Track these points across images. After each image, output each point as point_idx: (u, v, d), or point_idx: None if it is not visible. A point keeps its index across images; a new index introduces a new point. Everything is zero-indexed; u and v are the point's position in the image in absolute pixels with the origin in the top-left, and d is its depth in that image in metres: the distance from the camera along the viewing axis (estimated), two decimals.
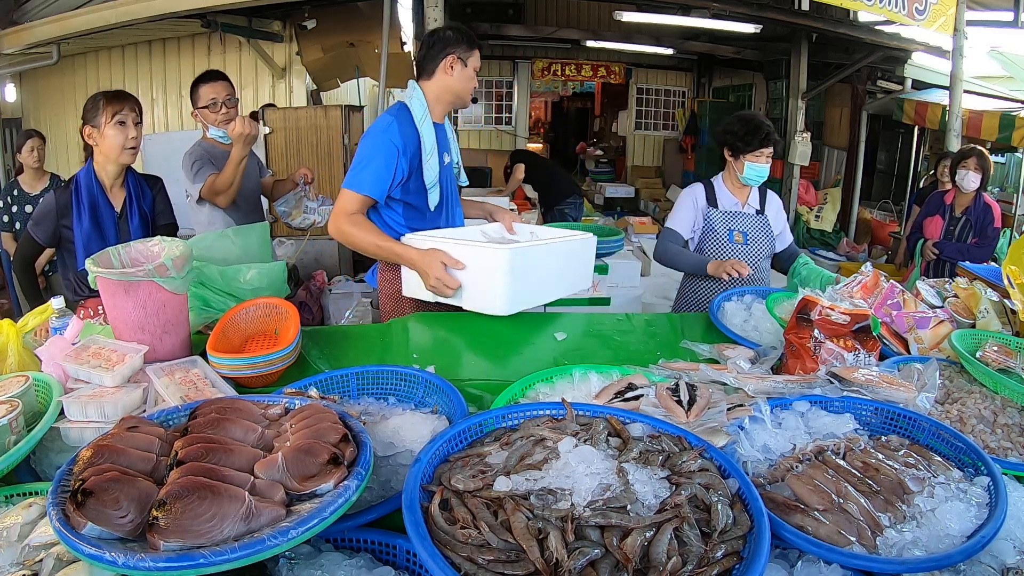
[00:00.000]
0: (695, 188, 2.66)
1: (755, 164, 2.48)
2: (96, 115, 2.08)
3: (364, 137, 2.02)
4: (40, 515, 0.95)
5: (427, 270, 1.86)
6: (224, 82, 2.58)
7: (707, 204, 2.60)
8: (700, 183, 2.67)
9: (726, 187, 2.62)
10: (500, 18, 7.85)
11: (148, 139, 5.22)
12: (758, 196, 2.64)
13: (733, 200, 2.61)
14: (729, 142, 2.53)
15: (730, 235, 2.56)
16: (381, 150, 1.99)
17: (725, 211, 2.59)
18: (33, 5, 4.75)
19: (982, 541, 0.89)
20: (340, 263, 5.52)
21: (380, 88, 4.94)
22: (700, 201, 2.61)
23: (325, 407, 1.11)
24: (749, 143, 2.46)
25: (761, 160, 2.48)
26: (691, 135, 9.85)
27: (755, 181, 2.53)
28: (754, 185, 2.58)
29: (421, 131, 2.06)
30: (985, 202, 3.98)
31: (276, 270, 1.90)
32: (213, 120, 2.55)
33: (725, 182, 2.63)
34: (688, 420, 1.19)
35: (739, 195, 2.61)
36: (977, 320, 1.76)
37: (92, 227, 2.12)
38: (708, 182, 2.66)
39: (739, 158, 2.51)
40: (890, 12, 4.68)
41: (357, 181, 1.99)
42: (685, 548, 0.83)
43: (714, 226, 2.58)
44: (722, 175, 2.65)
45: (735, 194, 2.61)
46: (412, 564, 0.92)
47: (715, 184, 2.64)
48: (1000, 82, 6.48)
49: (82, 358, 1.34)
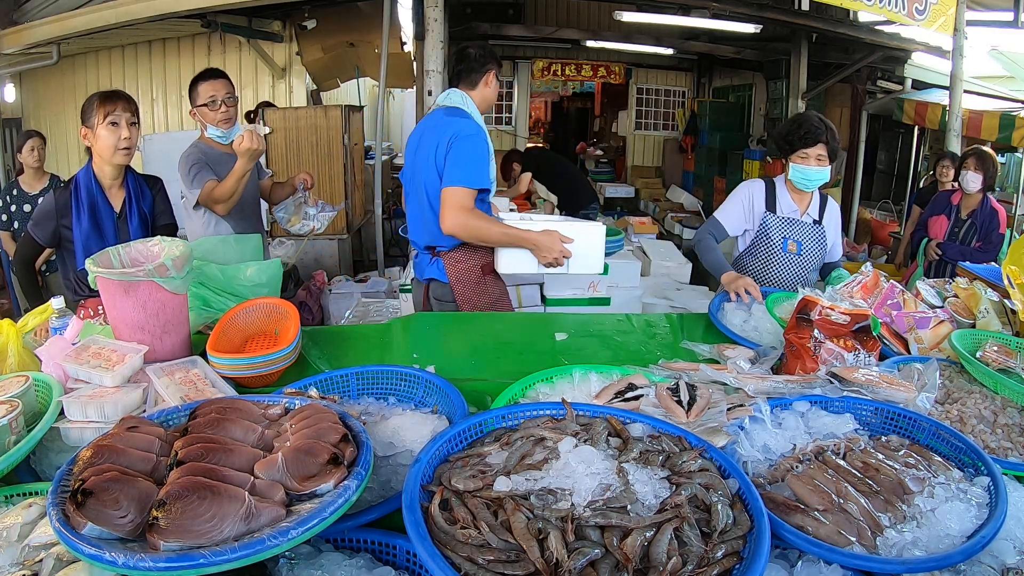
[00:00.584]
0: (753, 186, 2.49)
1: (800, 166, 2.33)
2: (90, 115, 2.07)
3: (464, 139, 2.17)
4: (40, 515, 0.95)
5: (551, 245, 2.14)
6: (224, 80, 2.55)
7: (765, 208, 2.44)
8: (761, 180, 2.50)
9: (787, 190, 2.45)
10: (500, 18, 7.84)
11: (148, 139, 5.24)
12: (819, 204, 2.47)
13: (792, 206, 2.44)
14: (778, 143, 2.41)
15: (784, 243, 2.40)
16: (485, 148, 2.22)
17: (783, 217, 2.43)
18: (33, 5, 4.75)
19: (982, 541, 0.89)
20: (340, 263, 5.52)
21: (380, 88, 4.94)
22: (757, 202, 2.45)
23: (325, 407, 1.11)
24: (792, 143, 2.34)
25: (809, 162, 2.31)
26: (691, 135, 9.84)
27: (804, 185, 2.37)
28: (805, 189, 2.40)
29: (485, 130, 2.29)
30: (992, 206, 3.90)
31: (274, 267, 1.91)
32: (212, 119, 2.52)
33: (787, 185, 2.45)
34: (688, 420, 1.19)
35: (799, 201, 2.44)
36: (977, 320, 1.76)
37: (91, 227, 2.12)
38: (770, 181, 2.49)
39: (786, 159, 2.38)
40: (890, 12, 4.68)
41: (472, 177, 2.16)
42: (685, 548, 0.83)
43: (769, 232, 2.42)
44: (783, 177, 2.47)
45: (795, 200, 2.44)
46: (412, 564, 0.92)
47: (777, 185, 2.47)
48: (1000, 82, 6.48)
49: (82, 358, 1.34)
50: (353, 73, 6.83)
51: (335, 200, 5.39)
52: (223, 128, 2.54)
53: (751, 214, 2.46)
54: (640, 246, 4.81)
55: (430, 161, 2.22)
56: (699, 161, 9.62)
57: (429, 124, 2.34)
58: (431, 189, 2.25)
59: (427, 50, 3.88)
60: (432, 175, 2.23)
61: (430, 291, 2.44)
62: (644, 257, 4.53)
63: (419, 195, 2.32)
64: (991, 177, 3.89)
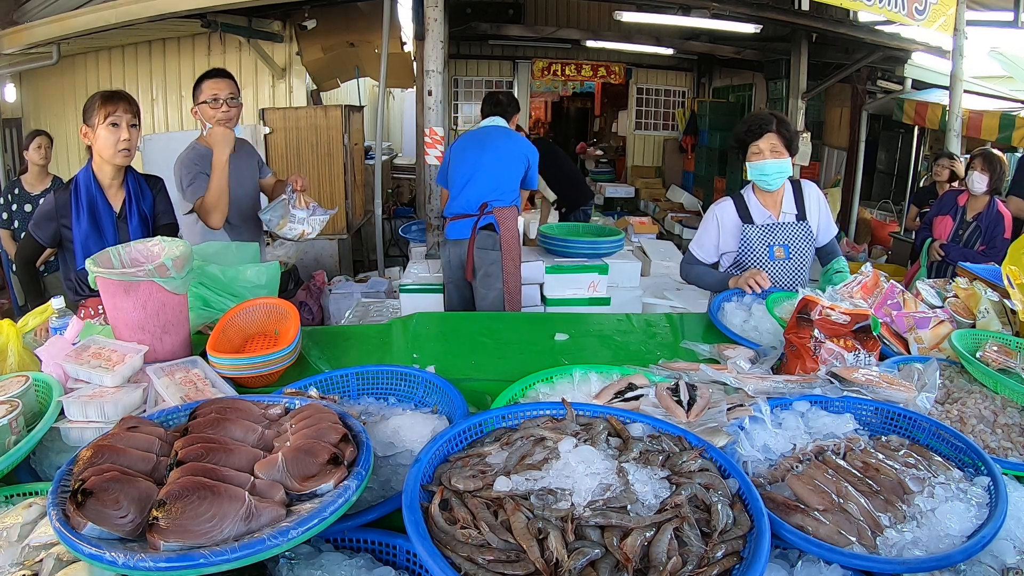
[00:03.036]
0: (719, 206, 2.37)
1: (756, 163, 2.23)
2: (92, 114, 2.07)
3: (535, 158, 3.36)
4: (40, 515, 0.95)
5: None
6: (229, 80, 2.55)
7: (740, 221, 2.32)
8: (729, 198, 2.39)
9: (756, 198, 2.34)
10: (500, 18, 7.84)
11: (148, 139, 5.23)
12: (793, 200, 2.34)
13: (765, 212, 2.32)
14: (736, 147, 2.32)
15: (770, 251, 2.28)
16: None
17: (761, 225, 2.30)
18: (33, 5, 4.75)
19: (982, 541, 0.89)
20: (340, 263, 5.52)
21: (380, 88, 4.94)
22: (727, 221, 2.34)
23: (325, 407, 1.11)
24: (744, 141, 2.25)
25: (763, 156, 2.20)
26: (691, 135, 9.84)
27: (765, 183, 2.26)
28: (768, 188, 2.28)
29: None
30: (998, 210, 3.81)
31: (273, 269, 1.92)
32: (211, 116, 2.50)
33: (755, 192, 2.35)
34: (688, 420, 1.19)
35: (771, 205, 2.33)
36: (977, 320, 1.76)
37: (91, 227, 2.12)
38: (739, 195, 2.37)
39: (747, 157, 2.27)
40: (890, 12, 4.68)
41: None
42: (685, 548, 0.83)
43: (751, 244, 2.29)
44: (751, 186, 2.36)
45: (766, 205, 2.33)
46: (412, 564, 0.92)
47: (746, 196, 2.35)
48: (1000, 82, 6.47)
49: (82, 358, 1.34)
50: (353, 73, 6.83)
51: (335, 200, 5.40)
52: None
53: (723, 235, 2.35)
54: (640, 246, 4.81)
55: (511, 153, 3.26)
56: (699, 161, 9.61)
57: (499, 131, 3.32)
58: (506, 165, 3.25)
59: (427, 50, 3.88)
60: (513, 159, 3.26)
61: (476, 242, 3.16)
62: (644, 257, 4.54)
63: (487, 166, 3.20)
64: (998, 179, 3.82)
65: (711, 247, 2.39)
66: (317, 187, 5.39)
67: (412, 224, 5.02)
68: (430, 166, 3.98)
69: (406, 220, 6.52)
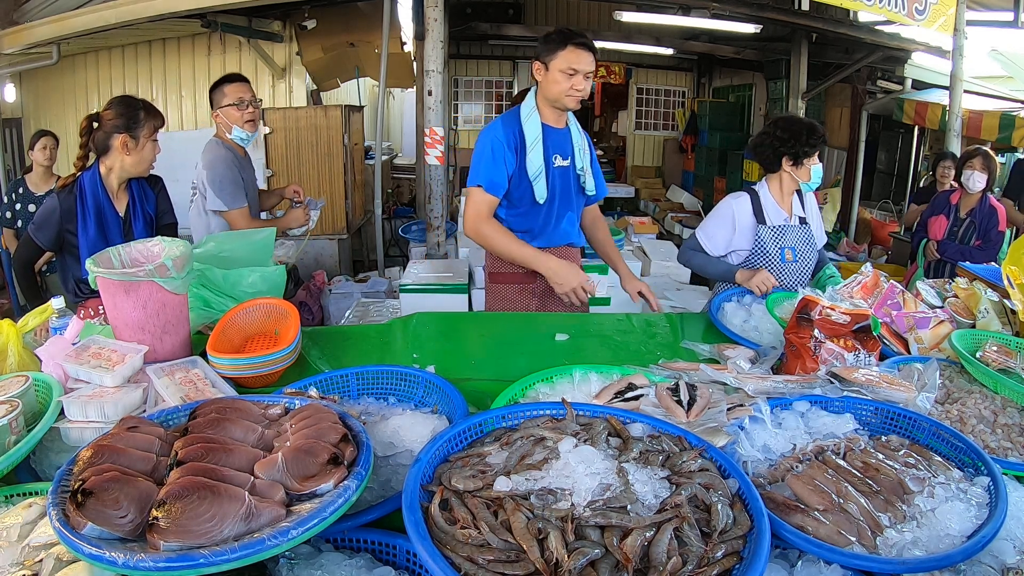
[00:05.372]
0: (737, 201, 2.34)
1: (816, 168, 2.28)
2: (137, 126, 2.10)
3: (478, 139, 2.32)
4: (40, 515, 0.95)
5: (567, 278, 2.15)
6: (248, 84, 2.66)
7: (755, 220, 2.30)
8: (745, 193, 2.35)
9: (773, 198, 2.33)
10: (500, 18, 7.84)
11: None
12: (799, 203, 2.39)
13: (781, 213, 2.33)
14: (790, 149, 2.26)
15: (781, 253, 2.28)
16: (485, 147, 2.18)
17: (774, 226, 2.30)
18: (33, 5, 4.75)
19: (982, 541, 0.89)
20: (340, 263, 5.52)
21: (380, 88, 4.94)
22: (744, 218, 2.31)
23: (325, 407, 1.11)
24: (813, 144, 2.24)
25: (814, 161, 2.28)
26: (691, 135, 9.83)
27: (810, 187, 2.31)
28: (809, 190, 2.34)
29: (525, 126, 2.19)
30: (991, 204, 3.91)
31: (276, 275, 1.91)
32: (238, 119, 2.59)
33: (772, 193, 2.34)
34: (688, 420, 1.19)
35: (785, 206, 2.34)
36: (977, 320, 1.76)
37: (98, 234, 2.10)
38: (753, 192, 2.34)
39: (802, 163, 2.26)
40: (890, 12, 4.67)
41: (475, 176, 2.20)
42: (685, 548, 0.83)
43: (765, 246, 2.28)
44: (767, 184, 2.35)
45: (782, 206, 2.34)
46: (412, 564, 0.92)
47: (761, 194, 2.33)
48: (1000, 82, 6.48)
49: (82, 358, 1.34)
50: (353, 73, 6.82)
51: (335, 200, 5.41)
52: (247, 130, 2.62)
53: (738, 234, 2.33)
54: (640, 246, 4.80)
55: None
56: (699, 161, 9.61)
57: None
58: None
59: (427, 50, 3.88)
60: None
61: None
62: (644, 257, 4.53)
63: None
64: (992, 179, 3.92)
65: (722, 241, 2.35)
66: (317, 187, 5.40)
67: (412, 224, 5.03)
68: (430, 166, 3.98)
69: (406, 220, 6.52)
